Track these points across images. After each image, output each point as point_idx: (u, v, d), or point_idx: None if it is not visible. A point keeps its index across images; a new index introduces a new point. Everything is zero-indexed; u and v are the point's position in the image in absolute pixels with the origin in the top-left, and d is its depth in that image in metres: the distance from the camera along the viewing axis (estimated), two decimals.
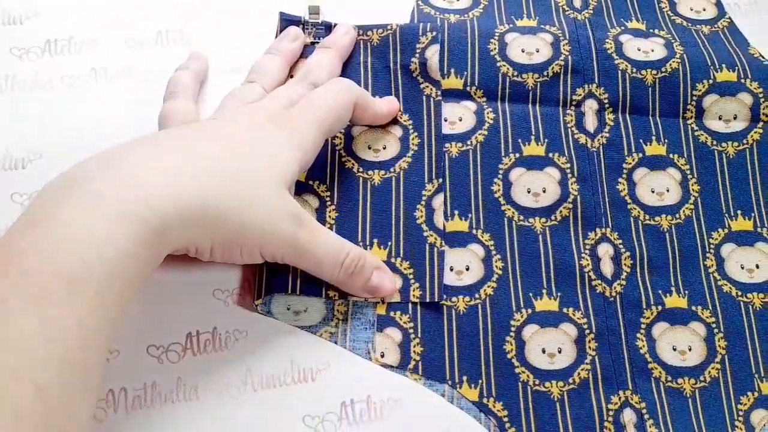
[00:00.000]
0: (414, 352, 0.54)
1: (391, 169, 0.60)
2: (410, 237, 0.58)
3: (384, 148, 0.61)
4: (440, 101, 0.63)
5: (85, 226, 0.43)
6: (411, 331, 0.54)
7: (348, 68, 0.64)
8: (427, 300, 0.56)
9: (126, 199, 0.45)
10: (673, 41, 0.66)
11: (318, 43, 0.65)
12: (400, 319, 0.55)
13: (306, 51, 0.65)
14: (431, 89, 0.63)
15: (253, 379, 0.53)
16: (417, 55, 0.64)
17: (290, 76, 0.63)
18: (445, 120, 0.63)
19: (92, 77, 0.64)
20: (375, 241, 0.57)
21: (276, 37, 0.65)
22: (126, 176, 0.46)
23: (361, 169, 0.60)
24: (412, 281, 0.56)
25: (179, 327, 0.54)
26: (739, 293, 0.58)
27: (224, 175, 0.50)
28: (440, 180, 0.60)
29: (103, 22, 0.66)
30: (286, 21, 0.66)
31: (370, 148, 0.61)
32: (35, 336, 0.40)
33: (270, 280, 0.55)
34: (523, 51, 0.65)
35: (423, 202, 0.59)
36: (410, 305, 0.56)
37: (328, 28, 0.66)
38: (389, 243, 0.57)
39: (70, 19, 0.66)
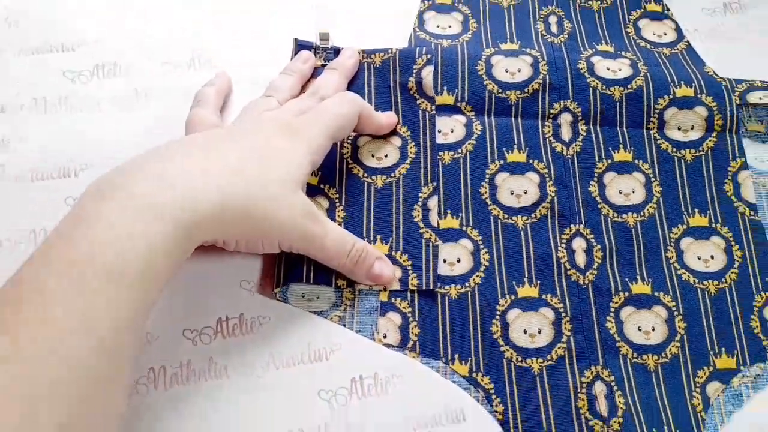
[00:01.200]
0: (412, 333, 0.58)
1: (392, 175, 0.64)
2: (408, 233, 0.61)
3: (385, 156, 0.65)
4: (434, 115, 0.66)
5: (124, 224, 0.45)
6: (409, 315, 0.58)
7: (354, 87, 0.67)
8: (423, 288, 0.59)
9: (161, 201, 0.47)
10: (638, 61, 0.70)
11: (327, 65, 0.68)
12: (400, 305, 0.59)
13: (316, 72, 0.68)
14: (426, 105, 0.67)
15: (275, 358, 0.56)
16: (414, 75, 0.67)
17: (302, 92, 0.66)
18: (439, 131, 0.66)
19: (134, 97, 0.67)
20: (378, 236, 0.61)
21: (291, 59, 0.68)
22: (161, 180, 0.48)
23: (365, 175, 0.64)
24: (410, 272, 0.60)
25: (211, 313, 0.58)
26: (696, 281, 0.61)
27: (248, 178, 0.52)
28: (435, 183, 0.63)
29: (143, 48, 0.69)
30: (300, 46, 0.70)
31: (373, 156, 0.65)
32: (72, 320, 0.42)
33: (287, 272, 0.59)
34: (506, 71, 0.68)
35: (420, 203, 0.63)
36: (409, 293, 0.59)
37: (336, 52, 0.69)
38: (390, 238, 0.61)
39: (115, 47, 0.69)
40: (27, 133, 0.64)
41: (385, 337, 0.58)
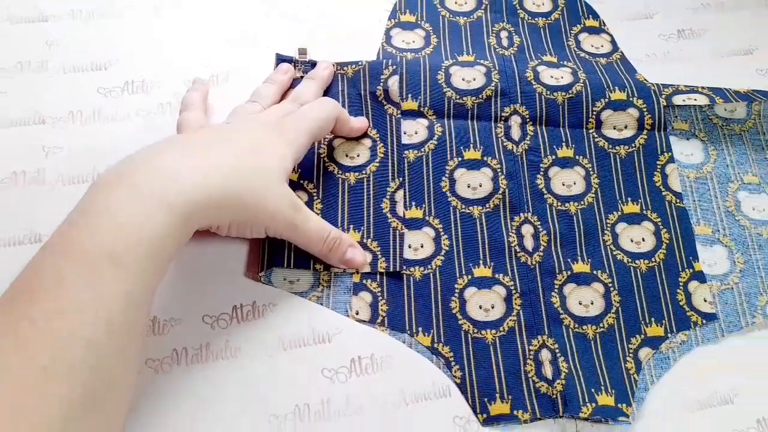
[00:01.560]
0: (381, 310, 0.62)
1: (363, 172, 0.68)
2: (378, 223, 0.65)
3: (357, 156, 0.68)
4: (400, 119, 0.71)
5: (128, 213, 0.47)
6: (379, 294, 0.62)
7: (329, 95, 0.71)
8: (391, 270, 0.63)
9: (162, 191, 0.49)
10: (578, 70, 0.75)
11: (305, 76, 0.72)
12: (371, 285, 0.63)
13: (295, 83, 0.72)
14: (393, 110, 0.71)
15: (283, 340, 0.60)
16: (381, 83, 0.71)
17: (282, 100, 0.70)
18: (405, 133, 0.70)
19: (160, 111, 0.71)
20: (351, 226, 0.65)
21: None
22: (162, 172, 0.50)
23: (340, 172, 0.67)
24: (380, 256, 0.64)
25: (227, 301, 0.61)
26: (629, 260, 0.66)
27: (240, 170, 0.55)
28: (401, 179, 0.68)
29: (168, 67, 0.73)
30: (281, 59, 0.74)
31: (347, 155, 0.68)
32: (87, 303, 0.44)
33: (270, 257, 0.62)
34: (463, 79, 0.73)
35: (388, 196, 0.67)
36: (378, 275, 0.63)
37: (313, 65, 0.73)
38: (362, 227, 0.65)
39: (143, 65, 0.74)
40: (64, 142, 0.68)
41: (357, 313, 0.61)
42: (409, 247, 0.65)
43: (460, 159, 0.70)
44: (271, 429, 0.56)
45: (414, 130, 0.71)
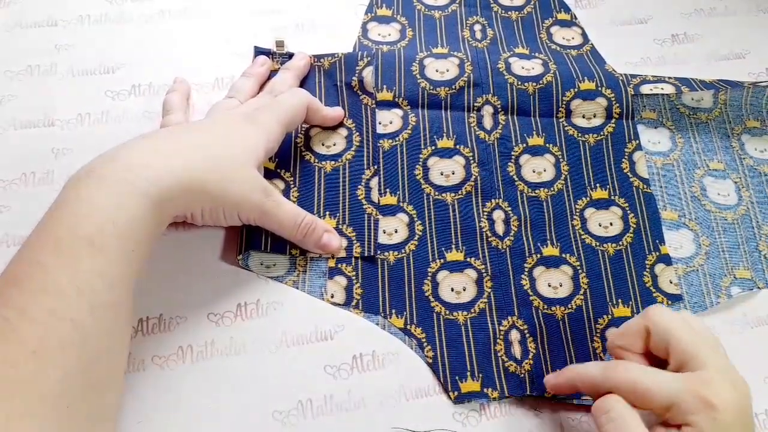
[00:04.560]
0: (356, 293, 0.63)
1: (339, 160, 0.69)
2: (353, 209, 0.67)
3: (334, 145, 0.70)
4: (375, 109, 0.72)
5: (100, 200, 0.49)
6: (353, 277, 0.64)
7: (306, 86, 0.73)
8: (366, 255, 0.65)
9: (132, 178, 0.50)
10: (549, 61, 0.77)
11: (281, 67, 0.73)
12: (345, 269, 0.64)
13: (272, 75, 0.73)
14: (368, 100, 0.73)
15: (286, 338, 0.60)
16: (357, 74, 0.73)
17: (260, 91, 0.71)
18: (380, 123, 0.72)
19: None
20: (327, 212, 0.66)
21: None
22: (131, 160, 0.52)
23: (316, 160, 0.69)
24: (354, 241, 0.65)
25: (232, 299, 0.62)
26: (598, 244, 0.68)
27: (208, 157, 0.56)
28: (376, 167, 0.69)
29: (174, 70, 0.74)
30: (259, 51, 0.75)
31: (323, 144, 0.70)
32: (67, 285, 0.45)
33: (247, 240, 0.63)
34: (437, 71, 0.74)
35: (363, 184, 0.68)
36: (353, 259, 0.65)
37: (290, 56, 0.74)
38: (338, 214, 0.66)
39: (150, 69, 0.75)
40: (72, 144, 0.69)
41: (332, 297, 0.63)
42: (384, 232, 0.67)
43: (433, 148, 0.71)
44: (275, 424, 0.57)
45: (389, 120, 0.72)
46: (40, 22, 0.77)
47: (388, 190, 0.69)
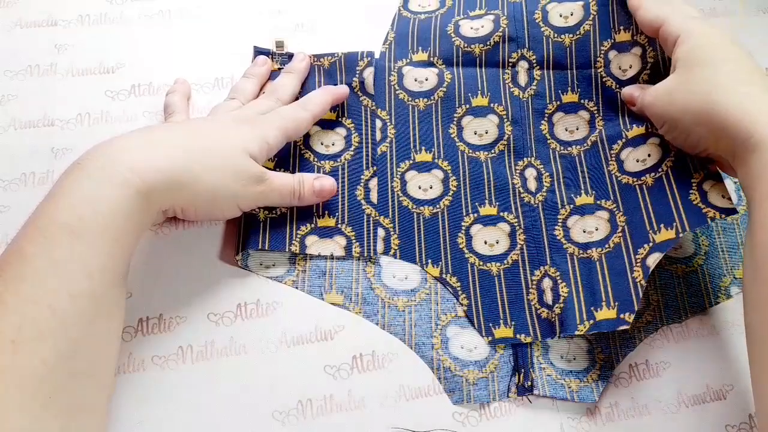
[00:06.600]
0: (393, 243, 0.65)
1: (338, 160, 0.68)
2: (352, 210, 0.66)
3: (333, 144, 0.69)
4: (375, 110, 0.71)
5: (83, 190, 0.49)
6: (391, 229, 0.66)
7: (306, 86, 0.72)
8: (366, 255, 0.65)
9: (115, 170, 0.51)
10: (590, 2, 0.74)
11: (282, 68, 0.73)
12: (384, 221, 0.66)
13: (273, 75, 0.73)
14: (368, 101, 0.72)
15: (286, 338, 0.60)
16: (357, 75, 0.72)
17: (261, 92, 0.71)
18: (416, 80, 0.73)
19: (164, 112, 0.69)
20: (326, 212, 0.65)
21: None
22: (114, 153, 0.52)
23: (315, 159, 0.68)
24: (354, 241, 0.65)
25: (232, 299, 0.62)
26: (635, 180, 0.66)
27: (195, 149, 0.56)
28: (375, 167, 0.68)
29: (174, 70, 0.74)
30: (258, 52, 0.75)
31: (322, 144, 0.69)
32: (46, 273, 0.45)
33: (245, 239, 0.63)
34: (472, 28, 0.75)
35: (362, 184, 0.67)
36: (389, 211, 0.67)
37: (290, 56, 0.74)
38: (337, 214, 0.66)
39: (149, 69, 0.75)
40: (72, 144, 0.69)
41: (374, 249, 0.64)
42: (419, 188, 0.69)
43: (468, 106, 0.73)
44: (275, 424, 0.57)
45: (425, 77, 0.73)
46: (40, 22, 0.77)
47: (423, 147, 0.71)
